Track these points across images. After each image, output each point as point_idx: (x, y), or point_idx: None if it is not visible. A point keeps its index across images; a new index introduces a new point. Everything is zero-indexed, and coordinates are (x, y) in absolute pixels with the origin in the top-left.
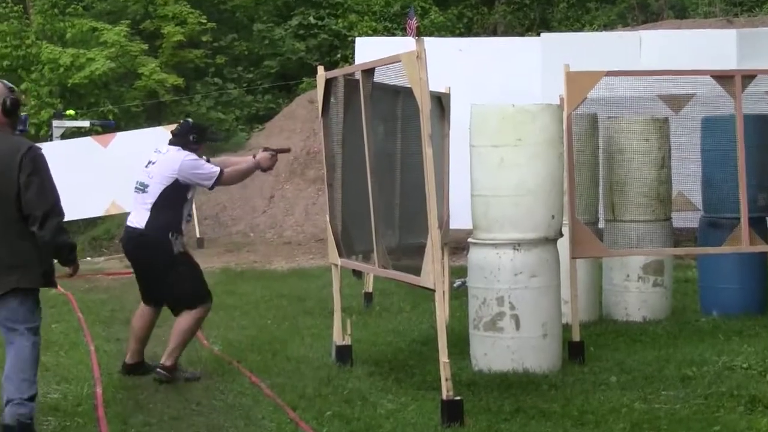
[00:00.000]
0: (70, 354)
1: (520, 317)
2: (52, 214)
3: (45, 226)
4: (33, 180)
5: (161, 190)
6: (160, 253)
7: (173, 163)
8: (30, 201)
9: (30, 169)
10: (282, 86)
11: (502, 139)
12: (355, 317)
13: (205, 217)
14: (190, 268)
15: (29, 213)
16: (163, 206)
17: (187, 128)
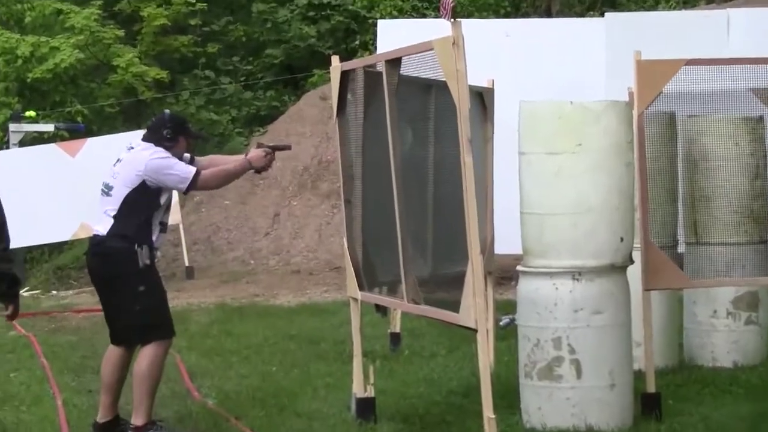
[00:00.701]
0: (32, 410)
1: (582, 363)
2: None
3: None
4: None
5: (126, 193)
6: (122, 266)
7: (138, 163)
8: None
9: None
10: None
11: (559, 145)
12: (379, 363)
13: (194, 241)
14: (153, 288)
15: None
16: (129, 212)
17: (161, 121)
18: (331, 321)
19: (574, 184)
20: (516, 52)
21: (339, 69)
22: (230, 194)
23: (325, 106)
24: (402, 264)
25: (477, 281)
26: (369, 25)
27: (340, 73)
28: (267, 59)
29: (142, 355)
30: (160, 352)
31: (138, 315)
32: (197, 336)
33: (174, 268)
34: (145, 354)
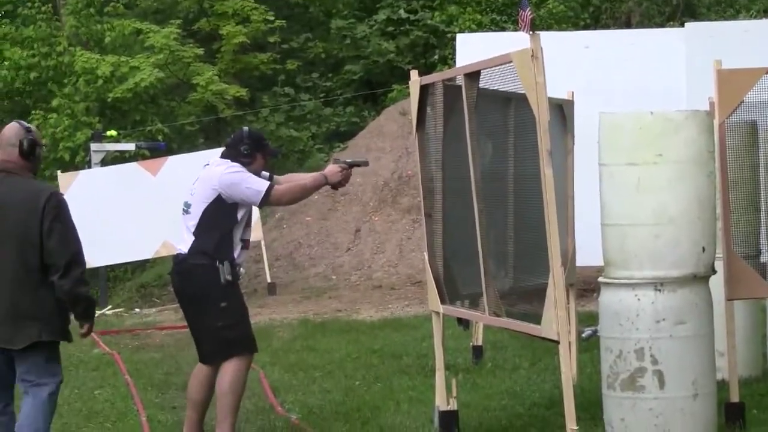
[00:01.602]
0: (117, 426)
1: (665, 373)
2: (74, 263)
3: (67, 275)
4: (55, 227)
5: (203, 209)
6: (204, 282)
7: (213, 177)
8: (52, 249)
9: (53, 215)
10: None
11: (639, 156)
12: (461, 376)
13: (276, 257)
14: (235, 305)
15: (51, 262)
16: (207, 228)
17: (239, 138)
18: (413, 335)
19: (655, 194)
20: (595, 63)
21: (418, 83)
22: (311, 210)
23: (404, 120)
24: (483, 277)
25: (559, 293)
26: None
27: (419, 87)
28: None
29: (224, 371)
30: (242, 368)
31: (220, 331)
32: (280, 351)
33: (256, 284)
34: (227, 370)
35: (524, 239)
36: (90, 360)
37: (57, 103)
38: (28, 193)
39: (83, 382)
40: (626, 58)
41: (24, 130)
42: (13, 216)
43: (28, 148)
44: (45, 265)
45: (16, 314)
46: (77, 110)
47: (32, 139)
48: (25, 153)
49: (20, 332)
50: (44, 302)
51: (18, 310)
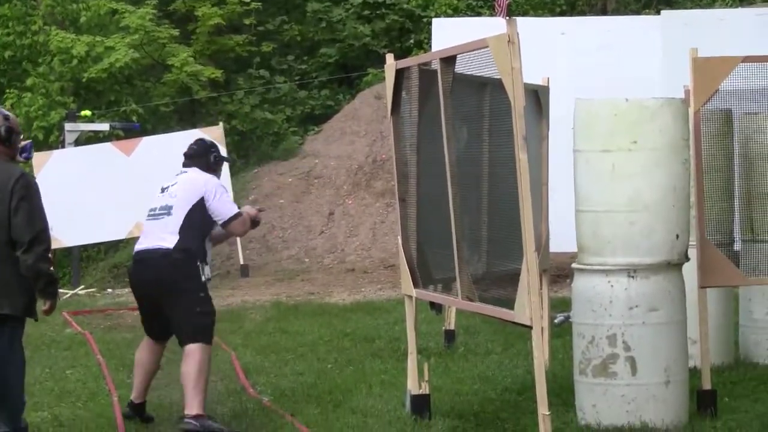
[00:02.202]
0: (88, 406)
1: (637, 360)
2: (37, 240)
3: (30, 251)
4: (22, 206)
5: (187, 211)
6: (186, 275)
7: (201, 182)
8: (17, 226)
9: (21, 194)
10: (342, 79)
11: (614, 143)
12: (433, 360)
13: (249, 239)
14: (209, 297)
15: (17, 238)
16: (190, 229)
17: (206, 147)
18: (385, 319)
19: (630, 181)
20: (571, 50)
21: (394, 67)
22: (285, 193)
23: (379, 104)
24: (457, 261)
25: (532, 279)
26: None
27: (394, 71)
28: (322, 58)
29: (190, 357)
30: (206, 355)
31: (197, 316)
32: (252, 333)
33: (229, 266)
34: (193, 356)
35: (498, 224)
36: (62, 340)
37: (31, 82)
38: (2, 174)
39: (55, 361)
40: (602, 44)
41: (2, 117)
42: None
43: (6, 135)
44: (11, 241)
45: None
46: (52, 90)
47: (9, 126)
48: (2, 139)
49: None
50: (11, 278)
51: None
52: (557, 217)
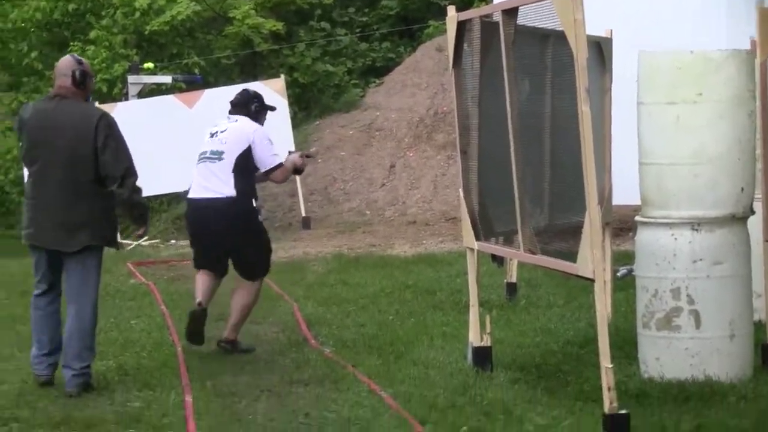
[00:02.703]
0: (153, 355)
1: (701, 314)
2: (128, 173)
3: (124, 184)
4: (109, 143)
5: (236, 156)
6: (250, 220)
7: (249, 130)
8: (107, 162)
9: (105, 133)
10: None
11: (678, 95)
12: (495, 313)
13: (311, 191)
14: (267, 237)
15: (106, 174)
16: (242, 173)
17: (248, 97)
18: (447, 271)
19: (695, 134)
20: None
21: (455, 19)
22: (346, 145)
23: (441, 57)
24: (519, 214)
25: (594, 232)
26: None
27: (456, 23)
28: (383, 10)
29: (247, 289)
30: (260, 288)
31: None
32: (314, 285)
33: (291, 218)
34: (250, 289)
35: (561, 177)
36: (127, 290)
37: (95, 35)
38: (81, 115)
39: (120, 311)
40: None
41: (76, 62)
42: (67, 134)
43: (81, 77)
44: (98, 178)
45: (68, 222)
46: (115, 42)
47: (84, 71)
48: (77, 82)
49: (74, 237)
50: (94, 211)
51: (72, 218)
52: (620, 170)
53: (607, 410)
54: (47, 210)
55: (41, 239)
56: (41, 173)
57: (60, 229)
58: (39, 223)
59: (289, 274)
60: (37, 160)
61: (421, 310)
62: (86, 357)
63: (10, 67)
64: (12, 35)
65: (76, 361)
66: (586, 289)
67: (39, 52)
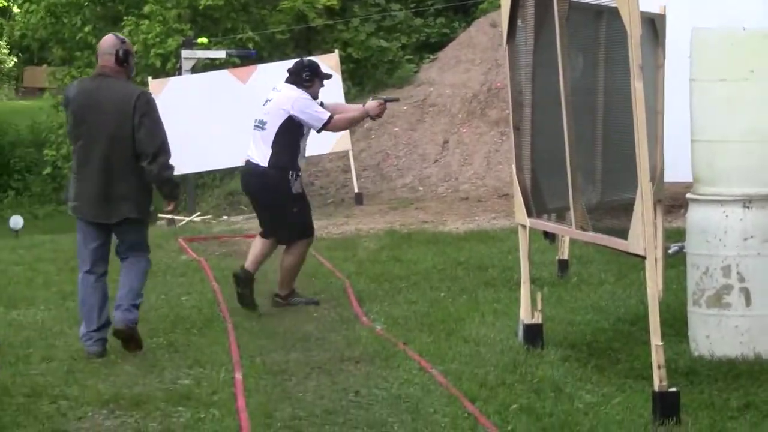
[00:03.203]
0: (203, 332)
1: (752, 291)
2: (161, 151)
3: (155, 161)
4: (144, 122)
5: (278, 126)
6: (280, 192)
7: (287, 100)
8: (141, 140)
9: (143, 111)
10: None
11: (731, 72)
12: (546, 290)
13: (364, 167)
14: (303, 206)
15: (141, 151)
16: (281, 143)
17: (300, 66)
18: (499, 248)
19: (747, 111)
20: None
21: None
22: (399, 121)
23: (495, 32)
24: (571, 191)
25: (646, 209)
26: None
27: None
28: None
29: (290, 252)
30: (303, 249)
31: (290, 225)
32: (366, 262)
33: (343, 194)
34: (292, 251)
35: (613, 154)
36: (177, 266)
37: (149, 9)
38: (122, 93)
39: (170, 288)
40: None
41: (119, 41)
42: (109, 112)
43: (123, 56)
44: (135, 154)
45: (109, 196)
46: (169, 17)
47: (126, 49)
48: (120, 60)
49: (114, 210)
50: (133, 186)
51: (112, 192)
52: (673, 147)
53: (657, 388)
54: (90, 184)
55: (85, 212)
56: (85, 150)
57: (102, 202)
58: (84, 196)
59: (341, 250)
60: (81, 137)
61: (473, 287)
62: (136, 298)
63: (63, 42)
64: (66, 9)
65: (126, 299)
66: (637, 266)
67: (93, 26)
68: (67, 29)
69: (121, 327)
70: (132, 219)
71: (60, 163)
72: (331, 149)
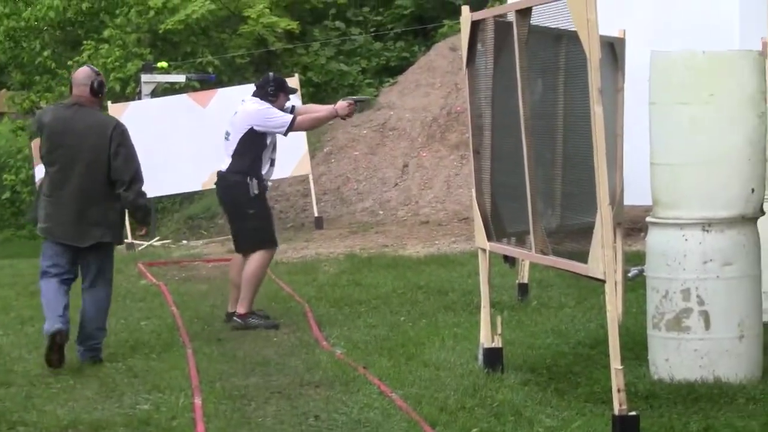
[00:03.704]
0: (163, 357)
1: (711, 314)
2: (136, 179)
3: (131, 188)
4: (120, 150)
5: (240, 137)
6: (237, 194)
7: (248, 114)
8: (118, 167)
9: (119, 140)
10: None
11: (690, 95)
12: (507, 314)
13: (324, 191)
14: (262, 211)
15: (117, 178)
16: (242, 152)
17: (266, 81)
18: (459, 271)
19: (706, 134)
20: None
21: (469, 19)
22: (359, 145)
23: (455, 56)
24: (530, 214)
25: (606, 232)
26: None
27: (470, 23)
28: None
29: (250, 261)
30: (264, 260)
31: (249, 231)
32: (326, 286)
33: (303, 218)
34: (252, 260)
35: (572, 177)
36: (137, 291)
37: (109, 33)
38: (98, 122)
39: (130, 312)
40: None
41: (94, 73)
42: (85, 140)
43: (98, 87)
44: (111, 181)
45: (83, 220)
46: (129, 41)
47: (100, 81)
48: (95, 91)
49: (87, 234)
50: (107, 211)
51: (86, 216)
52: (632, 170)
53: (617, 412)
54: (65, 208)
55: (57, 234)
56: (60, 174)
57: (76, 225)
58: (57, 219)
59: (301, 274)
60: (56, 162)
61: (433, 311)
62: (100, 335)
63: (22, 66)
64: (25, 34)
65: (89, 340)
66: (597, 290)
67: (52, 50)
68: (26, 53)
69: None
70: (104, 243)
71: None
72: (290, 173)
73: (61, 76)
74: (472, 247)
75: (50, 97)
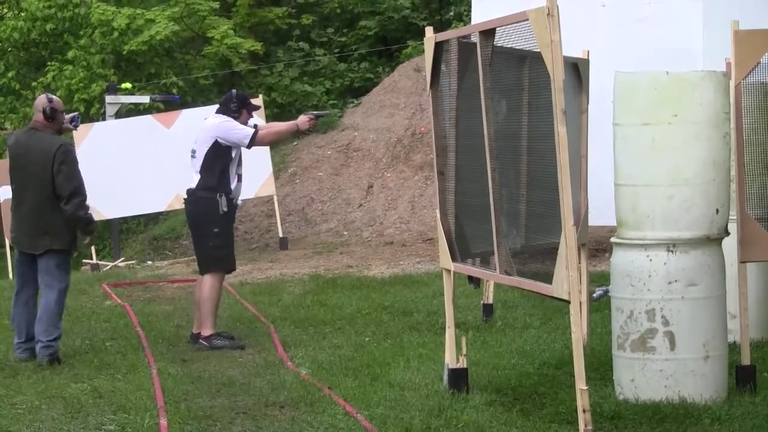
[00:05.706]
0: (128, 378)
1: (676, 335)
2: (75, 194)
3: (70, 202)
4: (62, 168)
5: (205, 152)
6: (206, 211)
7: (211, 127)
8: (60, 184)
9: (60, 160)
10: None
11: (654, 116)
12: (471, 334)
13: (288, 212)
14: (225, 231)
15: (59, 193)
16: (209, 167)
17: (229, 98)
18: (424, 292)
19: (670, 155)
20: (612, 22)
21: (433, 40)
22: (324, 166)
23: (419, 77)
24: (495, 235)
25: (570, 253)
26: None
27: (434, 44)
28: (361, 31)
29: (204, 282)
30: (216, 281)
31: (210, 250)
32: (291, 307)
33: (268, 239)
34: (206, 281)
35: (537, 198)
36: (102, 311)
37: (73, 54)
38: (47, 145)
39: (95, 333)
40: (643, 17)
41: (47, 100)
42: (36, 161)
43: (50, 113)
44: (56, 196)
45: (37, 230)
46: (93, 62)
47: (53, 107)
48: (48, 117)
49: (39, 242)
50: (56, 222)
51: (38, 227)
52: (596, 191)
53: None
54: (24, 220)
55: (20, 243)
56: (19, 191)
57: (30, 235)
58: (19, 230)
59: (266, 295)
60: (15, 180)
61: (398, 332)
62: (52, 332)
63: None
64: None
65: (44, 335)
66: (561, 310)
67: (16, 72)
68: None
69: (42, 362)
70: (54, 250)
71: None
72: (255, 194)
73: (25, 97)
74: (436, 268)
75: (14, 118)
